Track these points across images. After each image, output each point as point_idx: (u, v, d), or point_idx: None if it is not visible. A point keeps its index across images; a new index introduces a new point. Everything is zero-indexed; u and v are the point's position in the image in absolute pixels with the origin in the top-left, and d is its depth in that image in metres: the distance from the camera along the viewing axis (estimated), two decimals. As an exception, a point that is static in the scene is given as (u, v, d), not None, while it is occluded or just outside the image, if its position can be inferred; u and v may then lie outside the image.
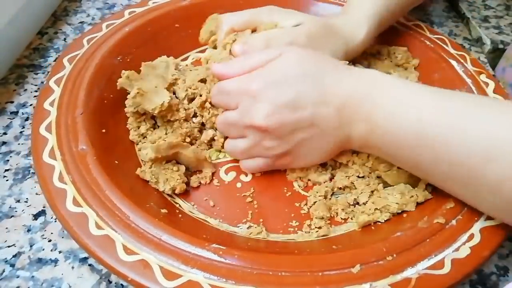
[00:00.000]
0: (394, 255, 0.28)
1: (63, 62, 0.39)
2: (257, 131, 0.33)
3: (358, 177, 0.36)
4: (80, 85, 0.37)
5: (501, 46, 0.54)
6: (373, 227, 0.33)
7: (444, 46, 0.45)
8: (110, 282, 0.30)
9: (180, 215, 0.33)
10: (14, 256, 0.31)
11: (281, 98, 0.31)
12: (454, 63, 0.43)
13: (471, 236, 0.29)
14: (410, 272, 0.27)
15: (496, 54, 0.55)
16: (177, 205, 0.34)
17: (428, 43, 0.46)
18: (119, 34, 0.43)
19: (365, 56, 0.45)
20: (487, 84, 0.41)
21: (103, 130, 0.36)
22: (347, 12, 0.42)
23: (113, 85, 0.39)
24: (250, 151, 0.35)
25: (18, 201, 0.34)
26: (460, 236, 0.29)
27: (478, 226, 0.30)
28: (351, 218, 0.34)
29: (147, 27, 0.44)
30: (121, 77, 0.37)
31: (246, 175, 0.37)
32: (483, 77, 0.41)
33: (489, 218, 0.30)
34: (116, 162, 0.34)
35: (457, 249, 0.28)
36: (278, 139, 0.33)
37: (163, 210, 0.32)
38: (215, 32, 0.42)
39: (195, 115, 0.38)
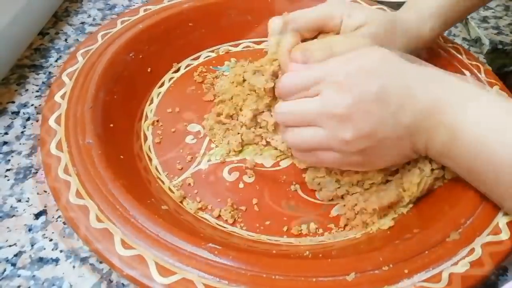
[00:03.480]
0: (391, 265, 0.27)
1: (77, 56, 0.40)
2: (337, 120, 0.30)
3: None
4: (91, 79, 0.38)
5: (500, 46, 0.54)
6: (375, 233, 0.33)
7: (458, 55, 0.44)
8: (111, 282, 0.30)
9: (180, 213, 0.33)
10: (15, 255, 0.31)
11: (366, 88, 0.30)
12: (467, 73, 0.42)
13: (472, 251, 0.28)
14: (406, 284, 0.27)
15: (495, 54, 0.54)
16: (178, 202, 0.34)
17: (442, 52, 0.45)
18: (133, 30, 0.43)
19: None
20: (500, 97, 0.40)
21: (111, 125, 0.36)
22: (411, 7, 0.40)
23: (123, 81, 0.40)
24: (321, 143, 0.32)
25: (19, 200, 0.34)
26: (460, 250, 0.28)
27: (479, 241, 0.29)
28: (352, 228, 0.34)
29: (160, 25, 0.45)
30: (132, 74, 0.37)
31: (249, 176, 0.37)
32: (496, 89, 0.40)
33: (491, 233, 0.29)
34: (121, 157, 0.35)
35: (455, 263, 0.28)
36: (359, 132, 0.30)
37: (164, 207, 0.32)
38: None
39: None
